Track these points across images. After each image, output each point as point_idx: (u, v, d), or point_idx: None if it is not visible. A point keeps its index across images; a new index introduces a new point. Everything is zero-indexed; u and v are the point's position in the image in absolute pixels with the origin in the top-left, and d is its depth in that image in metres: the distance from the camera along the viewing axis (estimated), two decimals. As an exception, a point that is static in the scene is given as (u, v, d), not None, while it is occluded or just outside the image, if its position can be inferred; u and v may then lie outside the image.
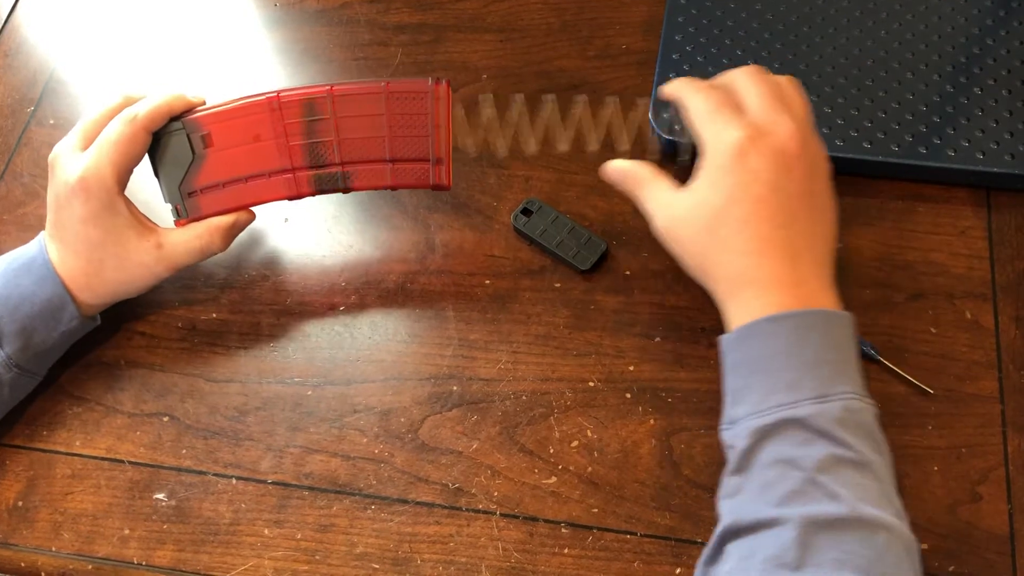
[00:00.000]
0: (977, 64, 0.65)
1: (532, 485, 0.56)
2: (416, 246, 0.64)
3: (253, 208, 0.60)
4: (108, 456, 0.58)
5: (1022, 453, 0.54)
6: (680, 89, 0.55)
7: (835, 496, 0.45)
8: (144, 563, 0.55)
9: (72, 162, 0.56)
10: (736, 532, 0.46)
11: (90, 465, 0.58)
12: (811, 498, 0.45)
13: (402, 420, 0.58)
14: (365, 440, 0.58)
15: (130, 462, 0.58)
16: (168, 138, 0.58)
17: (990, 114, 0.63)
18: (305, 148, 0.57)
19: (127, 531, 0.56)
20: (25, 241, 0.66)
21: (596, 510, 0.55)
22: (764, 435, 0.47)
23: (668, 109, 0.65)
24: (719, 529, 0.47)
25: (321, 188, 0.58)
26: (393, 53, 0.73)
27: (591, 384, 0.58)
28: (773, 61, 0.67)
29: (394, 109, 0.57)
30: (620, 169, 0.57)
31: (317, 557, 0.54)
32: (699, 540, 0.53)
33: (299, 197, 0.59)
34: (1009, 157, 0.61)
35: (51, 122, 0.72)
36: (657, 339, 0.59)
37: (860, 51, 0.67)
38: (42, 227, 0.67)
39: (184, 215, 0.59)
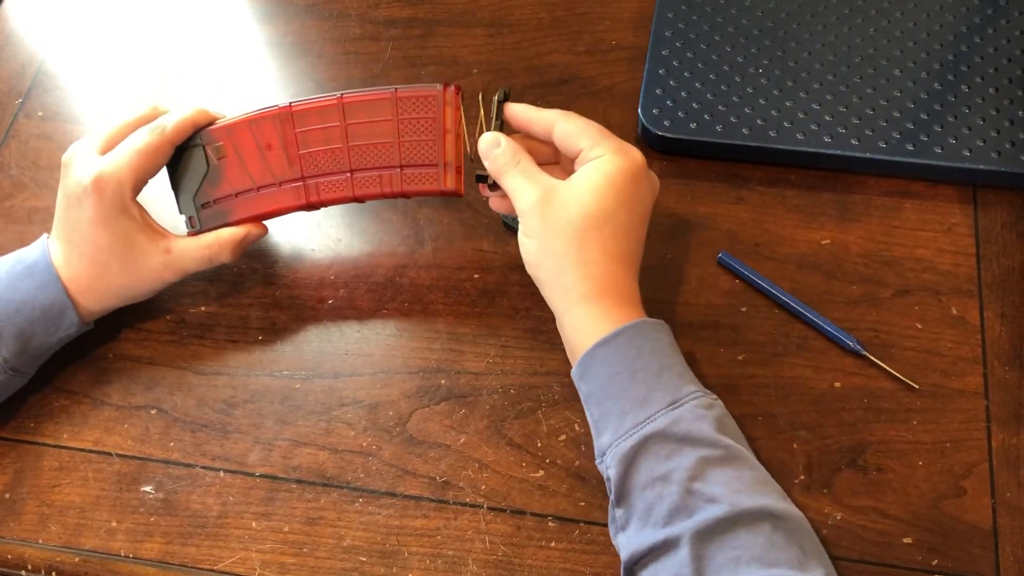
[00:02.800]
0: (964, 62, 0.66)
1: (520, 479, 0.56)
2: (405, 240, 0.64)
3: (267, 221, 0.60)
4: (96, 449, 0.58)
5: (1006, 448, 0.55)
6: (551, 113, 0.55)
7: (713, 499, 0.46)
8: (131, 555, 0.55)
9: (89, 163, 0.56)
10: (636, 562, 0.48)
11: (78, 457, 0.58)
12: (692, 509, 0.46)
13: (390, 414, 0.58)
14: (353, 433, 0.58)
15: (118, 455, 0.58)
16: (185, 150, 0.59)
17: (977, 111, 0.63)
18: (315, 156, 0.57)
19: (114, 523, 0.56)
20: (12, 233, 0.66)
21: (583, 504, 0.55)
22: (632, 458, 0.48)
23: (658, 104, 0.65)
24: (622, 565, 0.49)
25: (332, 196, 0.58)
26: (383, 47, 0.73)
27: (579, 378, 0.58)
28: (762, 57, 0.67)
29: (403, 115, 0.56)
30: (495, 141, 0.56)
31: (305, 550, 0.54)
32: (685, 534, 0.53)
33: (310, 207, 0.59)
34: (995, 154, 0.62)
35: (39, 114, 0.72)
36: (645, 334, 0.59)
37: (848, 48, 0.67)
38: (29, 219, 0.67)
39: (198, 226, 0.59)
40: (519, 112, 0.56)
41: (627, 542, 0.48)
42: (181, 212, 0.60)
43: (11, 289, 0.56)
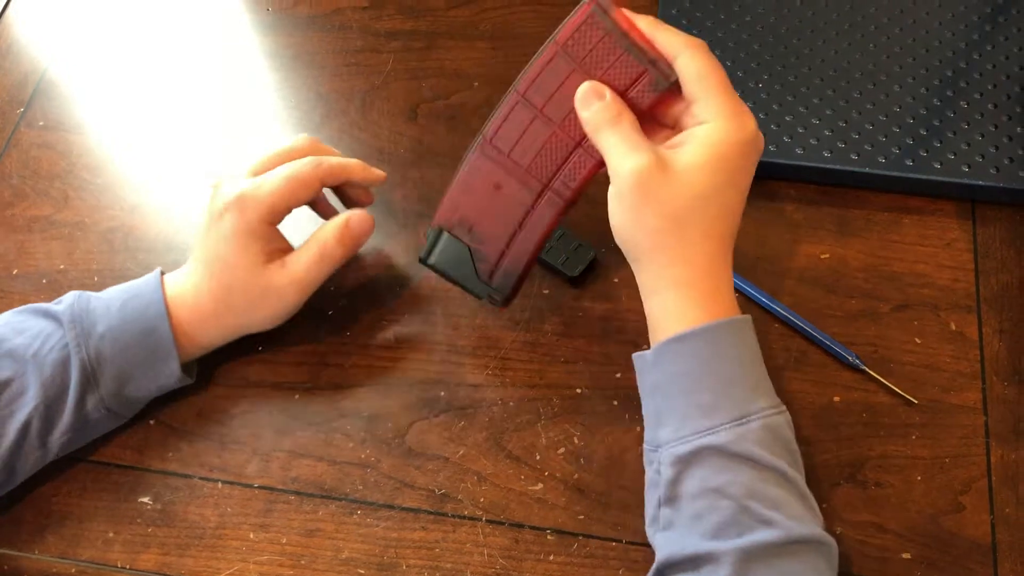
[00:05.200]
0: (964, 78, 0.66)
1: (518, 491, 0.56)
2: (406, 251, 0.64)
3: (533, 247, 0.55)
4: (94, 459, 0.58)
5: (1005, 464, 0.55)
6: (685, 42, 0.49)
7: (769, 522, 0.45)
8: (128, 567, 0.55)
9: (237, 183, 0.55)
10: (673, 567, 0.47)
11: (75, 468, 0.58)
12: (745, 527, 0.45)
13: (389, 425, 0.58)
14: (352, 445, 0.58)
15: (116, 465, 0.58)
16: (442, 249, 0.56)
17: (976, 127, 0.64)
18: (541, 159, 0.53)
19: (112, 534, 0.56)
20: (12, 242, 0.66)
21: (582, 517, 0.55)
22: (686, 463, 0.47)
23: None
24: (656, 563, 0.48)
25: (575, 178, 0.52)
26: (385, 60, 0.73)
27: (578, 391, 0.58)
28: (762, 72, 0.67)
29: (581, 55, 0.50)
30: (597, 91, 0.50)
31: (303, 562, 0.54)
32: (684, 548, 0.53)
33: (570, 205, 0.53)
34: (994, 170, 0.62)
35: (41, 124, 0.72)
36: (644, 346, 0.59)
37: (848, 63, 0.67)
38: (29, 228, 0.67)
39: (500, 300, 0.57)
40: (643, 26, 0.50)
41: (667, 543, 0.47)
42: (484, 301, 0.57)
43: (118, 331, 0.54)
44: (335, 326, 0.62)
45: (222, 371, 0.60)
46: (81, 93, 0.74)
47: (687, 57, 0.48)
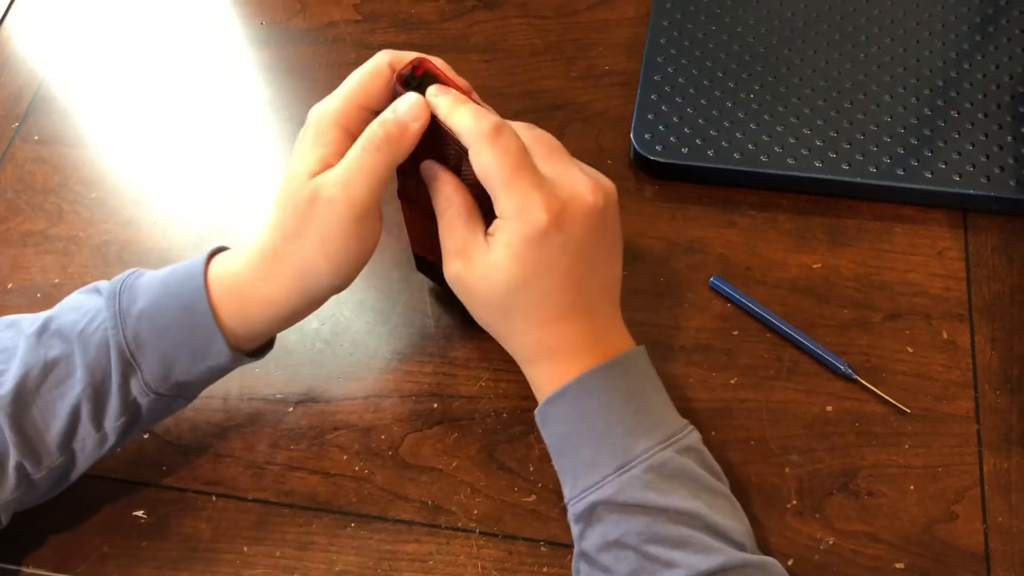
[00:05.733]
0: (954, 87, 0.66)
1: (512, 503, 0.56)
2: (399, 264, 0.64)
3: None
4: (88, 472, 0.58)
5: (997, 473, 0.55)
6: (472, 132, 0.46)
7: (671, 563, 0.45)
8: (122, 580, 0.55)
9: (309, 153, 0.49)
10: None
11: (69, 481, 0.58)
12: (650, 573, 0.45)
13: (383, 438, 0.58)
14: (345, 457, 0.58)
15: (110, 479, 0.58)
16: (426, 268, 0.60)
17: (966, 137, 0.64)
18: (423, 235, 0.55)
19: (106, 548, 0.56)
20: (6, 257, 0.66)
21: (575, 528, 0.55)
22: (586, 521, 0.47)
23: (650, 130, 0.66)
24: None
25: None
26: (378, 72, 0.73)
27: (571, 402, 0.58)
28: (753, 83, 0.68)
29: (422, 141, 0.48)
30: (431, 174, 0.49)
31: (296, 575, 0.54)
32: (677, 558, 0.53)
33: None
34: (985, 179, 0.62)
35: (36, 138, 0.72)
36: (637, 358, 0.60)
37: (839, 73, 0.68)
38: (23, 243, 0.67)
39: None
40: (439, 114, 0.47)
41: None
42: None
43: (156, 309, 0.50)
44: (328, 338, 0.62)
45: (216, 384, 0.60)
46: (76, 107, 0.74)
47: (473, 151, 0.46)
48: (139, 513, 0.57)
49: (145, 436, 0.59)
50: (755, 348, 0.60)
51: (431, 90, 0.48)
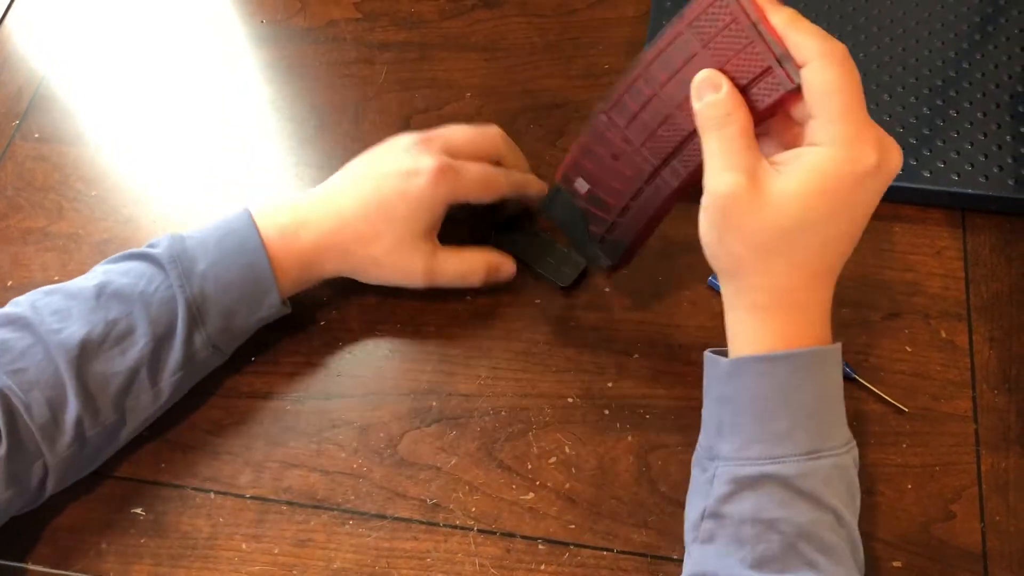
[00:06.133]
0: (953, 87, 0.66)
1: (510, 501, 0.56)
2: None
3: (654, 221, 0.53)
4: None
5: (995, 472, 0.55)
6: (819, 48, 0.43)
7: (813, 565, 0.43)
8: (121, 577, 0.55)
9: (438, 152, 0.57)
10: None
11: (68, 478, 0.58)
12: (788, 565, 0.44)
13: (381, 435, 0.58)
14: (344, 455, 0.58)
15: (109, 476, 0.58)
16: (559, 205, 0.55)
17: (965, 136, 0.64)
18: (659, 137, 0.49)
19: (104, 545, 0.56)
20: (6, 254, 0.66)
21: (573, 526, 0.55)
22: (746, 486, 0.45)
23: None
24: (687, 573, 0.47)
25: (690, 164, 0.49)
26: (378, 71, 0.73)
27: (570, 400, 0.59)
28: (753, 82, 0.67)
29: (706, 37, 0.46)
30: (713, 82, 0.45)
31: (295, 572, 0.54)
32: (675, 557, 0.53)
33: (686, 187, 0.50)
34: (984, 179, 0.62)
35: (36, 136, 0.72)
36: (635, 356, 0.60)
37: (838, 73, 0.68)
38: (24, 240, 0.67)
39: (608, 263, 0.56)
40: (776, 21, 0.44)
41: (704, 559, 0.46)
42: (590, 262, 0.58)
43: (219, 268, 0.55)
44: (327, 336, 0.62)
45: (215, 382, 0.60)
46: (76, 105, 0.74)
47: (816, 66, 0.43)
48: (138, 510, 0.57)
49: (144, 433, 0.59)
50: (753, 347, 0.60)
51: (765, 1, 0.45)
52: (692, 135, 0.47)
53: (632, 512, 0.55)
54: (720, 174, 0.44)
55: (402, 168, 0.57)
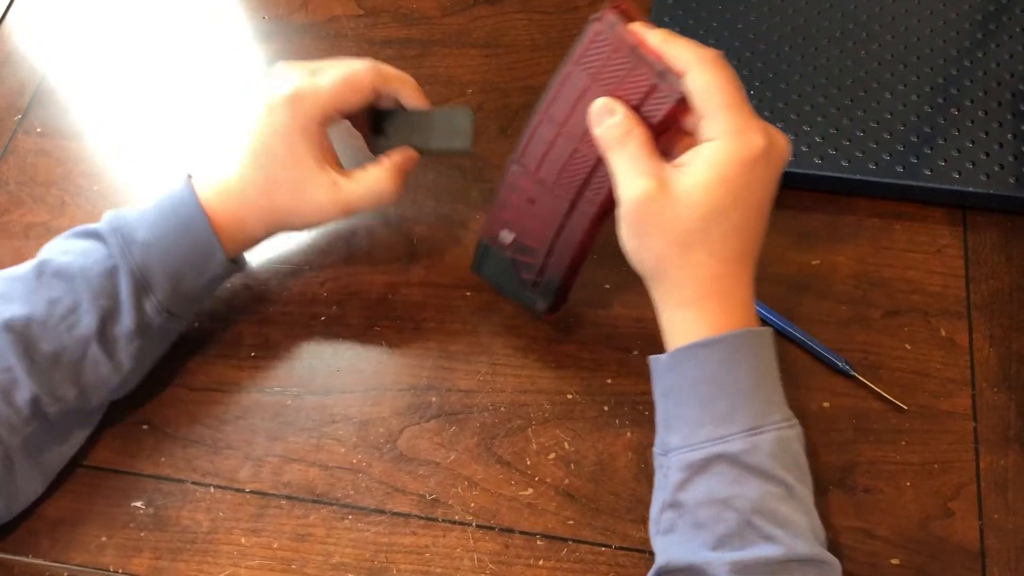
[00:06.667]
0: (954, 85, 0.66)
1: (509, 497, 0.56)
2: (398, 258, 0.65)
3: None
4: (87, 463, 0.58)
5: (994, 470, 0.55)
6: (695, 56, 0.47)
7: (771, 538, 0.45)
8: (120, 571, 0.55)
9: (294, 77, 0.56)
10: (671, 573, 0.47)
11: (69, 472, 0.58)
12: (747, 541, 0.45)
13: (380, 430, 0.58)
14: (343, 450, 0.58)
15: (109, 469, 0.58)
16: (488, 261, 0.57)
17: (967, 134, 0.64)
18: (567, 173, 0.52)
19: (104, 538, 0.56)
20: (9, 248, 0.67)
21: (572, 522, 0.55)
22: (697, 470, 0.47)
23: None
24: (655, 566, 0.48)
25: (601, 191, 0.51)
26: (379, 67, 0.73)
27: (569, 396, 0.59)
28: (753, 80, 0.68)
29: (593, 71, 0.49)
30: (608, 108, 0.49)
31: (294, 566, 0.54)
32: (673, 553, 0.53)
33: (603, 216, 0.53)
34: (985, 177, 0.62)
35: (38, 131, 0.72)
36: (635, 352, 0.60)
37: (840, 71, 0.68)
38: (25, 235, 0.67)
39: (544, 305, 0.57)
40: (652, 41, 0.48)
41: (667, 548, 0.47)
42: (528, 306, 0.58)
43: (160, 230, 0.55)
44: (327, 331, 0.62)
45: (215, 376, 0.61)
46: (78, 100, 0.74)
47: (695, 72, 0.47)
48: (138, 504, 0.57)
49: (144, 427, 0.59)
50: (753, 344, 0.60)
51: (637, 24, 0.49)
52: (599, 163, 0.50)
53: (631, 508, 0.55)
54: (631, 182, 0.48)
55: (266, 109, 0.55)
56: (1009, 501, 0.54)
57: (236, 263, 0.59)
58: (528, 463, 0.57)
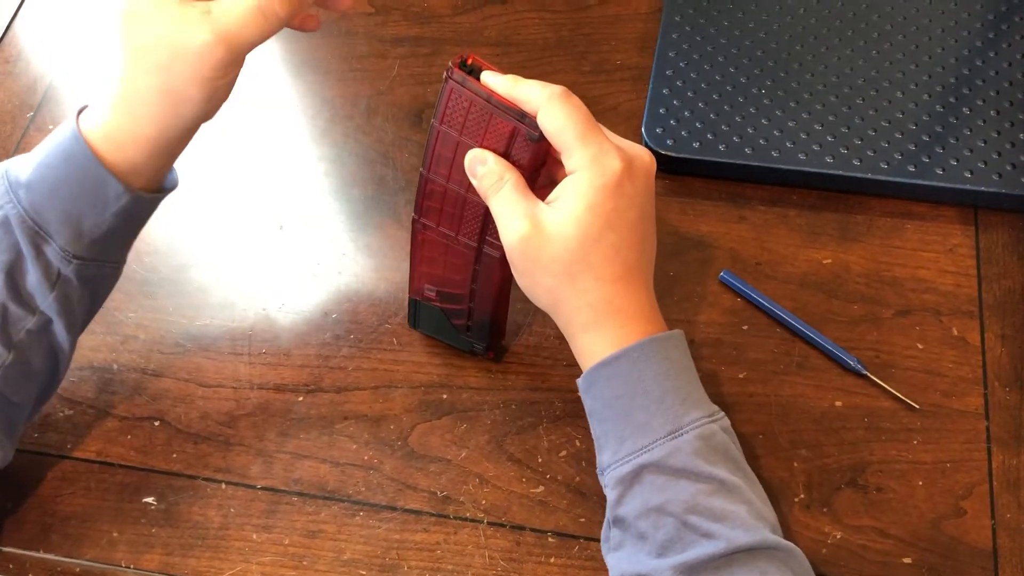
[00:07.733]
0: (966, 84, 0.66)
1: (520, 494, 0.56)
2: (408, 255, 0.64)
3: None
4: (98, 459, 0.58)
5: (1006, 469, 0.55)
6: (542, 96, 0.48)
7: (710, 534, 0.45)
8: (132, 566, 0.55)
9: None
10: None
11: (80, 468, 0.58)
12: (687, 543, 0.45)
13: (392, 428, 0.58)
14: (355, 447, 0.58)
15: (120, 465, 0.58)
16: (421, 315, 0.59)
17: (978, 134, 0.64)
18: (462, 226, 0.54)
19: (116, 534, 0.56)
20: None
21: (583, 520, 0.55)
22: (628, 484, 0.47)
23: (662, 124, 0.66)
24: None
25: (497, 234, 0.51)
26: (390, 65, 0.73)
27: (580, 394, 0.59)
28: (765, 78, 0.68)
29: (458, 127, 0.51)
30: (479, 158, 0.50)
31: (305, 563, 0.54)
32: (685, 551, 0.53)
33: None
34: (996, 176, 0.62)
35: (50, 128, 0.72)
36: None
37: (851, 70, 0.68)
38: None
39: (482, 347, 0.59)
40: (501, 90, 0.49)
41: (618, 563, 0.48)
42: (476, 351, 0.59)
43: (42, 168, 0.50)
44: (338, 329, 0.62)
45: (226, 373, 0.61)
46: (89, 97, 0.74)
47: (544, 111, 0.48)
48: (149, 500, 0.57)
49: (156, 423, 0.59)
50: (765, 343, 0.60)
51: (486, 74, 0.50)
52: (487, 209, 0.52)
53: (642, 506, 0.55)
54: (509, 226, 0.49)
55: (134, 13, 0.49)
56: (1021, 500, 0.54)
57: (161, 191, 0.54)
58: (539, 460, 0.57)
